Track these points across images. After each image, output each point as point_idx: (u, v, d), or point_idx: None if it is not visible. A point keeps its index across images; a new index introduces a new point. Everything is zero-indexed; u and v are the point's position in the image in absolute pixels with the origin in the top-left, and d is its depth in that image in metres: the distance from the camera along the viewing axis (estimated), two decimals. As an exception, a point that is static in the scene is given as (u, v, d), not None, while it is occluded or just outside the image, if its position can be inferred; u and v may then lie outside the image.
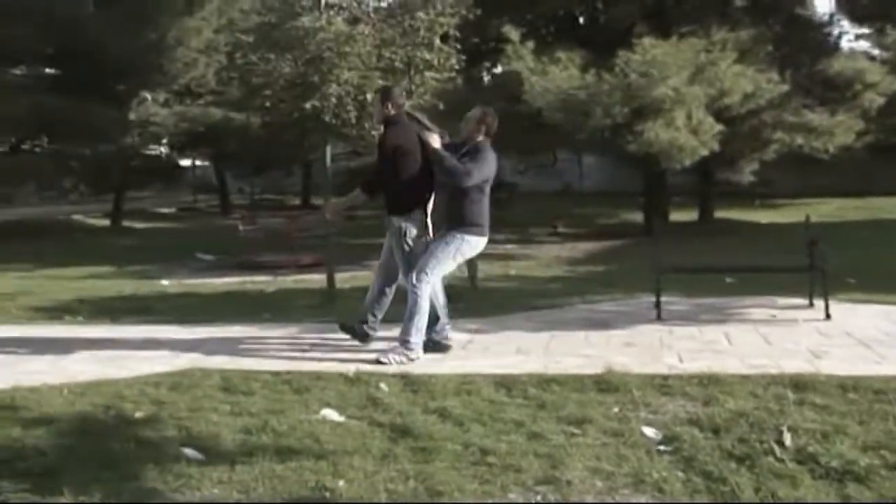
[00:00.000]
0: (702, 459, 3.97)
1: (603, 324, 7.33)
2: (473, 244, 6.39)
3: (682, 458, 4.02)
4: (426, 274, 6.11)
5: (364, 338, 6.53)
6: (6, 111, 17.53)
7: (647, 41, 12.28)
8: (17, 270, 13.61)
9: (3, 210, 25.65)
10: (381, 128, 6.58)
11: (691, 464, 3.94)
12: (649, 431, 4.41)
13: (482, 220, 6.40)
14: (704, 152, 13.24)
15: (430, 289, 6.14)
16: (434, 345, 6.32)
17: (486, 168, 6.29)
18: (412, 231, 6.24)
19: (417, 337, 6.10)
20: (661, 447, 4.19)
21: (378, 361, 5.94)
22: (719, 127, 13.45)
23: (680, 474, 3.83)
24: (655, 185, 18.03)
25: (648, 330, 6.98)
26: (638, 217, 19.19)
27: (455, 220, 6.27)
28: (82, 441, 4.38)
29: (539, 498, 3.67)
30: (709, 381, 5.20)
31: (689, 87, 12.63)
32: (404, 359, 5.98)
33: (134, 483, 3.81)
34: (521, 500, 3.65)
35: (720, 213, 20.01)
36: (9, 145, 19.86)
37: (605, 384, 5.26)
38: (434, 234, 6.29)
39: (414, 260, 6.22)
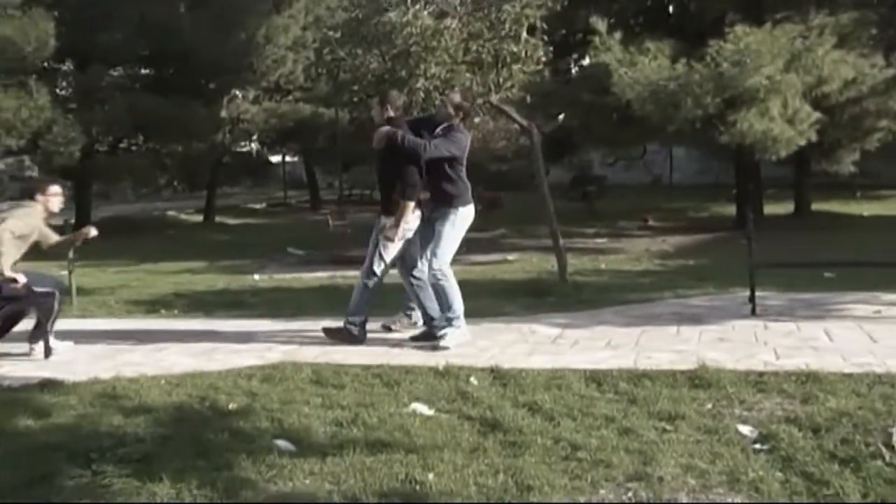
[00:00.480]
0: (801, 460, 3.83)
1: (695, 318, 7.19)
2: (464, 214, 6.69)
3: (779, 458, 3.89)
4: (437, 257, 6.52)
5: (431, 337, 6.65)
6: (105, 112, 18.17)
7: (739, 29, 11.95)
8: (115, 265, 14.08)
9: (102, 207, 26.58)
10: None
11: (790, 464, 3.81)
12: (744, 429, 4.29)
13: (465, 192, 6.70)
14: (801, 142, 12.84)
15: (447, 268, 6.57)
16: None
17: (455, 145, 6.57)
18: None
19: (458, 310, 6.53)
20: (757, 445, 4.07)
21: (437, 347, 6.25)
22: (817, 115, 13.01)
23: (778, 474, 3.71)
24: (749, 176, 17.58)
25: (742, 325, 6.81)
26: (731, 210, 18.74)
27: (441, 199, 6.61)
28: (178, 430, 4.49)
29: (630, 494, 3.61)
30: (808, 379, 5.04)
31: (784, 76, 12.25)
32: (458, 333, 6.41)
33: (227, 472, 3.88)
34: (611, 497, 3.59)
35: (818, 206, 19.36)
36: (107, 144, 20.53)
37: (698, 380, 5.15)
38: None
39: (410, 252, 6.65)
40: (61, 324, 7.87)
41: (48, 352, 6.62)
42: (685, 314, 7.45)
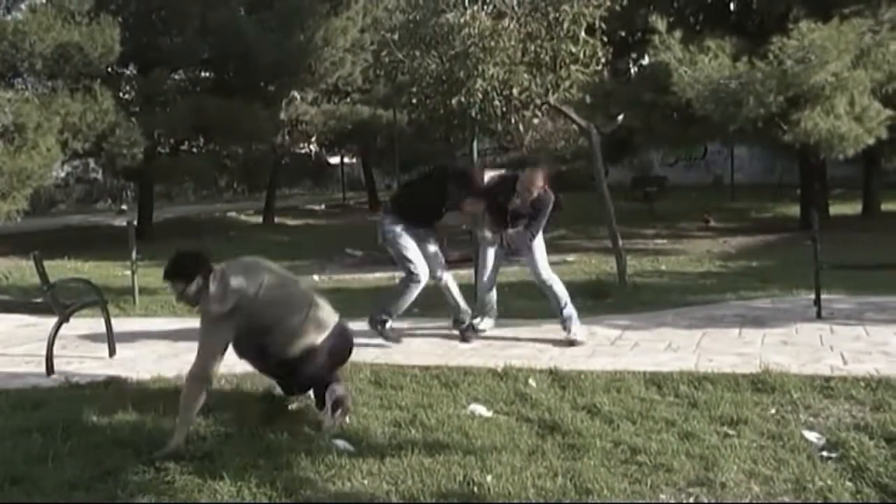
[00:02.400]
0: (874, 470, 3.73)
1: (758, 321, 7.06)
2: None
3: (849, 467, 3.79)
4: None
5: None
6: (167, 114, 18.50)
7: (804, 25, 11.68)
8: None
9: (164, 208, 27.09)
10: None
11: (861, 474, 3.71)
12: (811, 436, 4.19)
13: None
14: (870, 141, 12.50)
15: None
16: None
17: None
18: None
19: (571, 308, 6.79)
20: (825, 453, 3.98)
21: (572, 342, 6.52)
22: (888, 113, 12.64)
23: (849, 484, 3.62)
24: (814, 176, 17.19)
25: (808, 329, 6.67)
26: (795, 210, 18.36)
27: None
28: (239, 429, 4.55)
29: (692, 500, 3.56)
30: (878, 385, 4.92)
31: (852, 72, 11.94)
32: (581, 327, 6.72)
33: (287, 472, 3.92)
34: (672, 501, 3.54)
35: (888, 206, 18.85)
36: (169, 146, 20.91)
37: (762, 384, 5.06)
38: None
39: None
40: (125, 323, 8.05)
41: (113, 350, 6.76)
42: (748, 316, 7.32)
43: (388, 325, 6.74)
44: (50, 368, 6.16)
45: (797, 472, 3.74)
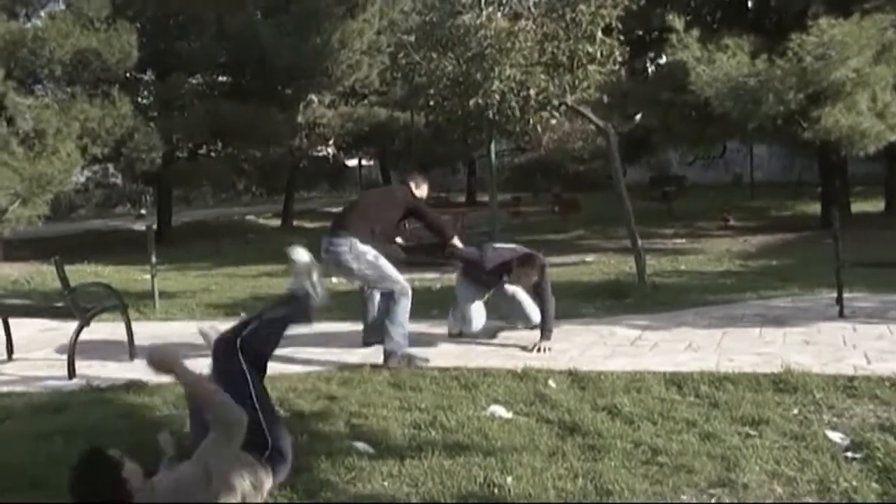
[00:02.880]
0: (901, 471, 3.68)
1: (779, 321, 7.01)
2: None
3: (875, 468, 3.75)
4: None
5: None
6: (185, 119, 18.60)
7: (823, 21, 11.56)
8: (196, 269, 14.38)
9: (183, 212, 27.22)
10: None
11: (888, 475, 3.66)
12: (835, 436, 4.15)
13: None
14: (892, 137, 12.35)
15: None
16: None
17: None
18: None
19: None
20: (849, 454, 3.93)
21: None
22: (912, 108, 12.49)
23: (874, 485, 3.58)
24: (835, 173, 17.05)
25: (830, 328, 6.60)
26: (815, 208, 18.22)
27: None
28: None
29: (713, 501, 3.54)
30: (903, 385, 4.86)
31: (873, 68, 11.80)
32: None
33: (307, 474, 3.92)
34: (693, 502, 3.51)
35: (911, 204, 18.68)
36: (187, 151, 21.01)
37: (783, 384, 5.02)
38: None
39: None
40: (145, 327, 8.09)
41: (133, 354, 6.79)
42: (768, 316, 7.27)
43: (409, 352, 6.29)
44: (71, 372, 6.20)
45: (821, 472, 3.70)
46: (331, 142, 27.80)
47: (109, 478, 3.05)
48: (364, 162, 35.62)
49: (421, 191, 6.82)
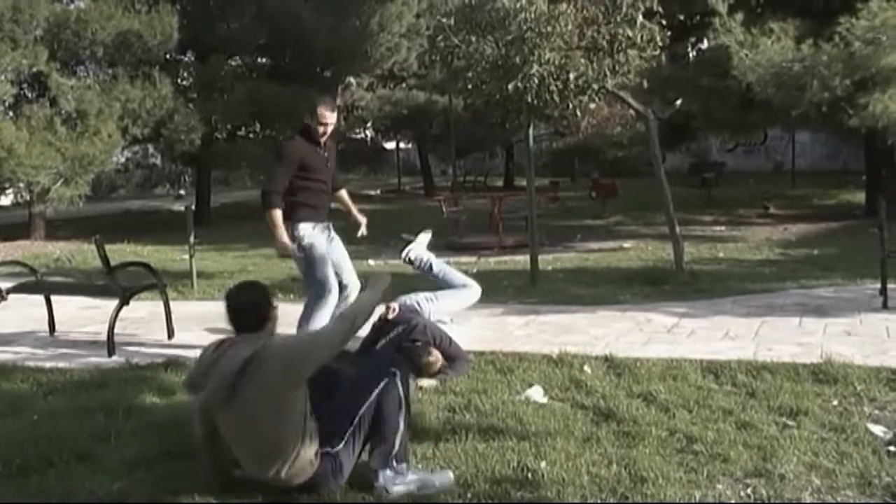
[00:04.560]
0: (946, 467, 3.61)
1: (820, 310, 6.91)
2: None
3: (918, 463, 3.68)
4: None
5: None
6: (224, 100, 18.73)
7: (874, 4, 11.30)
8: (234, 250, 14.49)
9: (221, 193, 27.42)
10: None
11: (931, 471, 3.60)
12: (876, 429, 4.09)
13: None
14: (944, 125, 12.11)
15: None
16: None
17: None
18: None
19: None
20: (892, 448, 3.87)
21: None
22: (965, 95, 12.18)
23: (917, 480, 3.51)
24: (881, 162, 16.72)
25: (873, 319, 6.50)
26: (860, 197, 17.95)
27: None
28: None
29: (749, 491, 3.50)
30: (950, 378, 4.77)
31: (925, 53, 11.57)
32: None
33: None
34: (729, 492, 3.49)
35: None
36: (226, 132, 21.15)
37: (823, 374, 4.95)
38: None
39: None
40: (183, 306, 8.18)
41: (171, 332, 6.87)
42: (809, 306, 7.17)
43: None
44: (111, 350, 6.28)
45: (861, 466, 3.65)
46: (369, 124, 27.87)
47: (264, 293, 3.71)
48: (402, 145, 35.65)
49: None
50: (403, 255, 6.40)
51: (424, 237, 6.51)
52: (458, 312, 6.57)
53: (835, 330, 6.18)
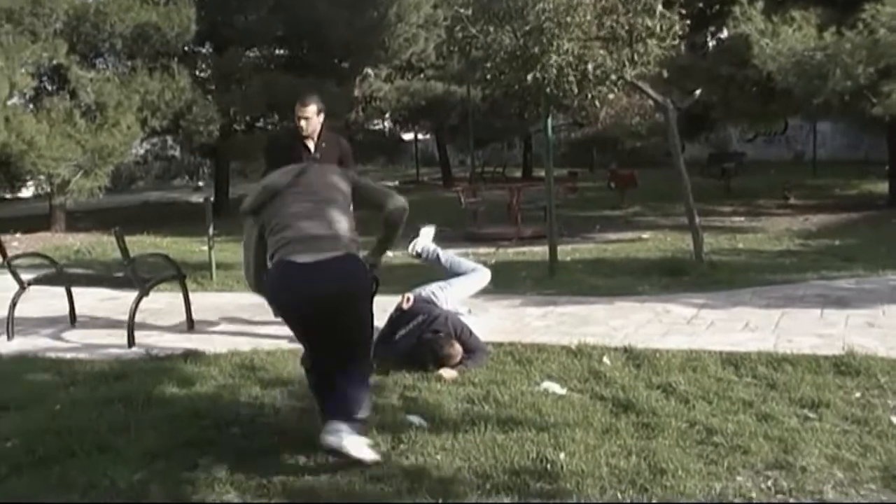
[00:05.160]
0: (973, 461, 3.56)
1: (841, 302, 6.85)
2: None
3: (944, 456, 3.64)
4: None
5: None
6: (242, 92, 18.75)
7: (901, -11, 11.19)
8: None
9: (240, 185, 27.45)
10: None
11: (956, 464, 3.55)
12: (900, 421, 4.05)
13: None
14: (971, 115, 11.94)
15: None
16: None
17: None
18: None
19: None
20: (916, 440, 3.83)
21: None
22: None
23: (942, 474, 3.47)
24: (904, 151, 16.58)
25: None
26: (882, 188, 17.76)
27: None
28: (313, 403, 4.59)
29: (770, 483, 3.47)
30: (975, 370, 4.71)
31: (954, 40, 11.40)
32: None
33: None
34: (749, 484, 3.47)
35: None
36: (244, 124, 21.18)
37: (845, 366, 4.91)
38: None
39: None
40: (202, 298, 8.21)
41: (191, 324, 6.90)
42: (830, 297, 7.10)
43: None
44: (131, 341, 6.32)
45: (885, 459, 3.61)
46: (387, 115, 27.82)
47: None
48: (420, 136, 35.58)
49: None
50: (410, 248, 6.51)
51: (428, 230, 6.65)
52: (475, 302, 6.59)
53: (857, 321, 6.12)
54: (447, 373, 5.05)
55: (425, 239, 6.57)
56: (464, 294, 6.30)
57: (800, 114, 18.35)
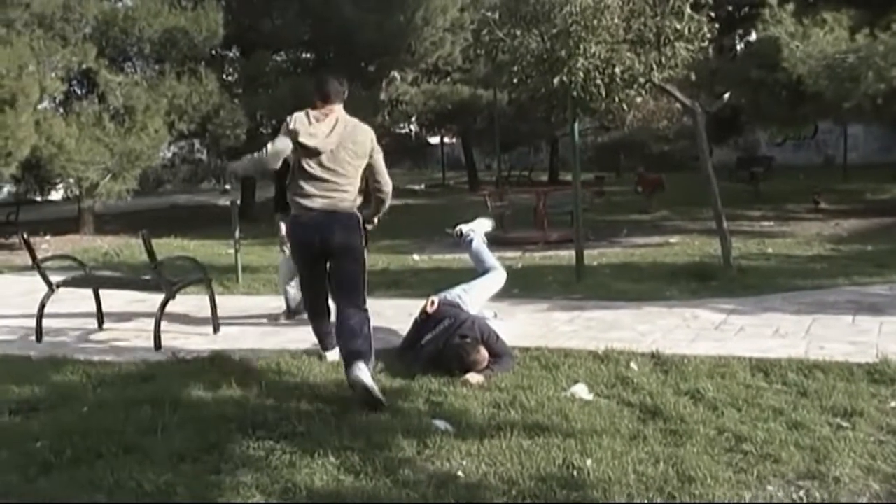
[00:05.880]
0: None
1: (874, 308, 6.74)
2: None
3: (981, 468, 3.56)
4: None
5: None
6: (269, 96, 18.85)
7: (936, -9, 11.05)
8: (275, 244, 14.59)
9: (267, 188, 27.52)
10: None
11: None
12: (936, 432, 3.96)
13: None
14: None
15: None
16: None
17: None
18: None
19: None
20: (953, 452, 3.74)
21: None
22: None
23: (980, 486, 3.40)
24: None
25: (930, 317, 6.32)
26: (915, 192, 17.56)
27: None
28: (339, 407, 4.58)
29: (802, 493, 3.41)
30: None
31: None
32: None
33: (386, 451, 3.93)
34: (780, 494, 3.41)
35: None
36: (271, 127, 21.29)
37: (879, 374, 4.83)
38: None
39: None
40: (229, 301, 8.24)
41: (217, 327, 6.92)
42: (863, 303, 6.99)
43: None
44: (158, 343, 6.35)
45: (921, 470, 3.54)
46: (413, 119, 27.85)
47: None
48: (446, 140, 35.63)
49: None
50: (459, 228, 6.88)
51: (486, 222, 7.16)
52: (501, 306, 6.59)
53: (891, 328, 6.01)
54: (474, 378, 5.02)
55: (479, 226, 6.95)
56: (485, 296, 6.38)
57: (830, 117, 18.17)
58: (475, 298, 6.09)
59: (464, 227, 6.88)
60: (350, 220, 5.14)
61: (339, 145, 5.10)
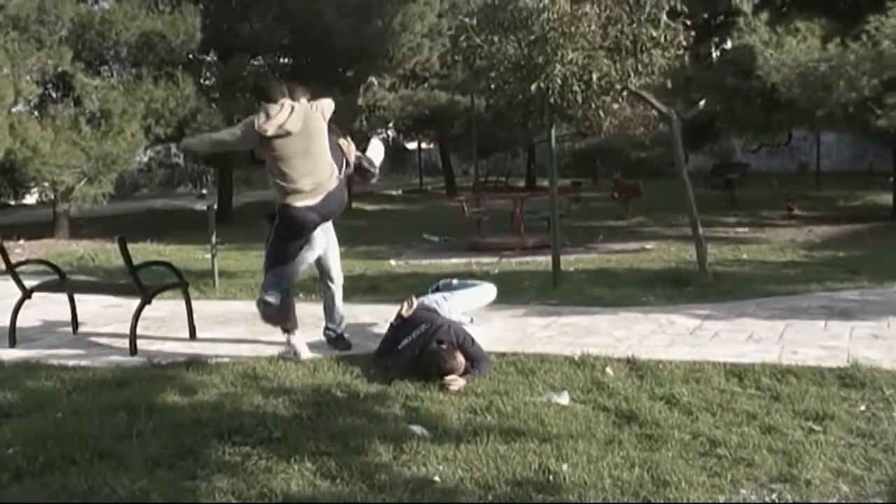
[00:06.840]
0: (980, 476, 3.54)
1: (846, 313, 6.82)
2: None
3: (949, 470, 3.61)
4: None
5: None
6: (247, 100, 18.76)
7: (905, 1, 11.20)
8: (257, 250, 14.27)
9: (243, 193, 27.49)
10: None
11: (963, 478, 3.53)
12: (905, 435, 4.02)
13: None
14: (977, 126, 11.92)
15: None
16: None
17: None
18: None
19: None
20: (922, 454, 3.80)
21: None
22: None
23: (948, 488, 3.45)
24: (908, 163, 16.59)
25: (900, 322, 6.40)
26: (887, 199, 17.75)
27: None
28: (315, 412, 4.58)
29: (774, 496, 3.45)
30: (981, 384, 4.69)
31: (958, 52, 11.39)
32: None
33: (363, 456, 3.93)
34: (753, 497, 3.45)
35: None
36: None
37: (849, 379, 4.88)
38: None
39: None
40: (205, 306, 8.21)
41: (193, 332, 6.89)
42: (835, 308, 7.07)
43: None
44: (133, 349, 6.31)
45: (891, 473, 3.59)
46: (391, 124, 27.84)
47: None
48: (424, 145, 35.67)
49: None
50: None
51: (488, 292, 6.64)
52: (478, 311, 6.59)
53: (861, 333, 6.09)
54: (455, 384, 5.02)
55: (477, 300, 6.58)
56: (468, 306, 6.34)
57: (804, 125, 18.36)
58: (455, 306, 6.09)
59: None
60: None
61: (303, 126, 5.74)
